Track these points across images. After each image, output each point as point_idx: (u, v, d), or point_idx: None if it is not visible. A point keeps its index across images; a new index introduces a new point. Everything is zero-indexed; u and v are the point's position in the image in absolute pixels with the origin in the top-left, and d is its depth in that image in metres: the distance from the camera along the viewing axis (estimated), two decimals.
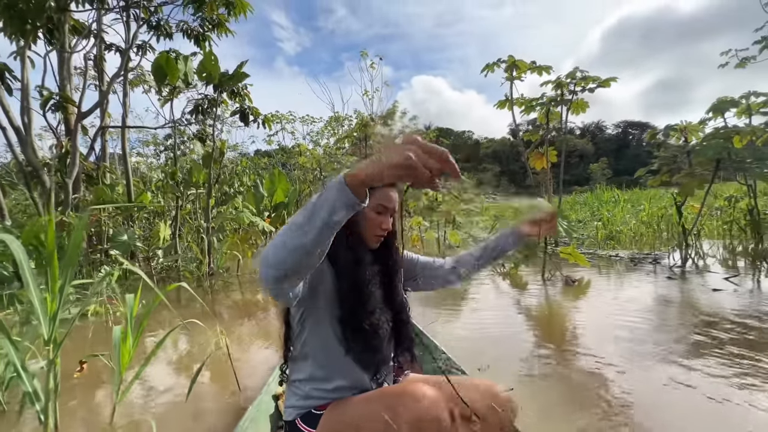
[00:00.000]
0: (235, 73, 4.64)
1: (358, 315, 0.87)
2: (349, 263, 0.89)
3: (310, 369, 0.89)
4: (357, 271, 0.90)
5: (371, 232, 0.95)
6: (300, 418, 0.88)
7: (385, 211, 0.95)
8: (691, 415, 1.30)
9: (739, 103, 4.68)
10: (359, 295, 0.88)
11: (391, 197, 0.96)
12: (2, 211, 4.31)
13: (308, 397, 0.89)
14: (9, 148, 4.39)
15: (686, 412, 1.33)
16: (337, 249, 0.85)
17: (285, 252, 0.64)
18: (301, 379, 0.91)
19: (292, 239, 0.63)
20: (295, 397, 0.91)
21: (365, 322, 0.87)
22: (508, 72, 5.33)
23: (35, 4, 3.87)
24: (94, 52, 5.75)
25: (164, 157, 12.38)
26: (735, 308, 2.41)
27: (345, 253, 0.89)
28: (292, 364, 0.95)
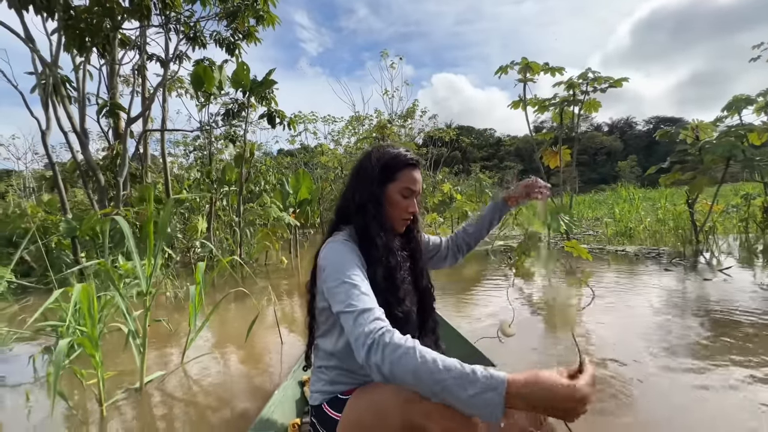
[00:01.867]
0: (264, 80, 5.07)
1: (391, 304, 0.86)
2: (380, 251, 0.89)
3: (337, 357, 0.89)
4: (388, 258, 0.89)
5: (398, 216, 0.96)
6: (326, 402, 0.88)
7: (411, 195, 0.96)
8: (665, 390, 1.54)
9: (754, 101, 4.69)
10: (392, 283, 0.88)
11: (416, 179, 0.97)
12: (65, 206, 4.92)
13: (334, 382, 0.89)
14: (70, 150, 4.98)
15: (664, 386, 1.57)
16: (368, 237, 0.89)
17: (403, 379, 0.65)
18: (327, 366, 0.91)
19: (418, 383, 0.63)
20: (321, 382, 0.92)
21: (398, 310, 0.87)
22: (522, 73, 5.51)
23: (95, 24, 4.42)
24: (139, 63, 6.35)
25: (193, 157, 13.17)
26: (713, 295, 2.59)
27: (376, 241, 0.89)
28: (317, 351, 0.95)
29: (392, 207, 0.94)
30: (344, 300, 0.75)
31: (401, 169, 0.95)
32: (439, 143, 19.24)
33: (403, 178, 0.94)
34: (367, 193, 0.92)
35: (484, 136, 72.77)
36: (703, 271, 3.38)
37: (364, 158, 0.98)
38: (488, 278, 3.66)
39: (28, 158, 20.49)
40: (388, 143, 1.04)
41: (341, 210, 0.97)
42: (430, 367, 0.62)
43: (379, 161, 0.94)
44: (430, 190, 9.81)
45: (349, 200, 0.95)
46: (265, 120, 5.87)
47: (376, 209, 0.91)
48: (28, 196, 17.65)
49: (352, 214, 0.93)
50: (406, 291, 0.92)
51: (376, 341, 0.67)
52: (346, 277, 0.78)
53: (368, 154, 0.98)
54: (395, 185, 0.94)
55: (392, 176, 0.94)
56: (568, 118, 5.73)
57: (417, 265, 1.02)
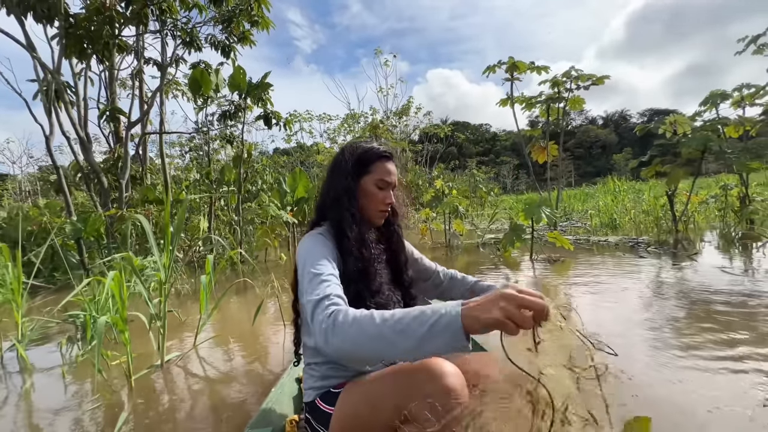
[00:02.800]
0: (260, 83, 5.24)
1: (364, 296, 0.87)
2: (352, 243, 0.90)
3: (323, 352, 0.89)
4: (360, 250, 0.90)
5: (375, 208, 0.97)
6: (319, 397, 0.90)
7: (386, 186, 0.97)
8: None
9: (730, 96, 4.92)
10: (365, 274, 0.89)
11: (390, 170, 0.98)
12: (70, 208, 5.09)
13: (325, 377, 0.90)
14: (73, 154, 5.14)
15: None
16: (341, 230, 0.91)
17: (365, 347, 0.63)
18: (317, 362, 0.92)
19: (379, 343, 0.62)
20: (312, 378, 0.93)
21: (371, 302, 0.88)
22: (509, 72, 5.71)
23: (95, 31, 4.57)
24: (136, 67, 6.49)
25: (189, 158, 13.31)
26: (676, 277, 2.83)
27: (348, 233, 0.90)
28: (306, 349, 0.97)
29: (368, 199, 0.96)
30: (306, 290, 0.76)
31: (375, 161, 0.96)
32: (435, 140, 19.42)
33: (377, 170, 0.96)
34: (341, 187, 0.94)
35: (480, 132, 73.00)
36: (675, 257, 3.62)
37: (338, 154, 1.00)
38: (479, 269, 3.88)
39: (23, 162, 20.49)
40: (362, 139, 1.04)
41: (319, 207, 1.00)
42: (387, 322, 0.62)
43: (352, 155, 0.96)
44: (426, 186, 10.01)
45: (326, 196, 0.97)
46: (262, 121, 6.05)
47: (349, 202, 0.93)
48: (24, 200, 17.72)
49: (328, 208, 0.96)
50: (381, 283, 0.92)
51: (329, 325, 0.66)
52: (311, 267, 0.80)
53: (342, 150, 1.00)
54: (370, 177, 0.96)
55: (366, 169, 0.96)
56: (554, 114, 5.94)
57: (397, 259, 1.02)
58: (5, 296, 2.77)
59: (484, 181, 13.06)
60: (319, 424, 0.87)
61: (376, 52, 16.62)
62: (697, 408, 1.19)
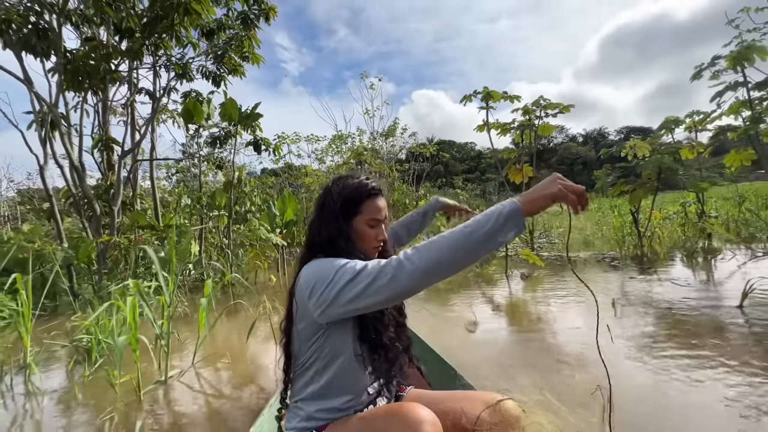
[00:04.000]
0: (251, 113, 5.53)
1: (378, 332, 0.89)
2: None
3: (318, 388, 0.89)
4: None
5: (370, 245, 0.96)
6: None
7: (377, 224, 0.96)
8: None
9: (682, 122, 5.42)
10: (375, 319, 0.89)
11: (380, 208, 0.97)
12: (61, 235, 5.18)
13: (310, 418, 0.89)
14: (65, 182, 5.28)
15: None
16: None
17: (442, 257, 0.69)
18: (304, 399, 0.91)
19: (453, 248, 0.69)
20: (296, 418, 0.92)
21: (385, 338, 0.90)
22: (484, 101, 6.15)
23: (92, 66, 4.82)
24: (128, 97, 6.72)
25: (175, 180, 13.39)
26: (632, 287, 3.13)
27: None
28: (294, 386, 0.95)
29: (361, 239, 0.94)
30: (344, 276, 0.76)
31: (364, 201, 0.94)
32: (421, 159, 19.94)
33: (367, 210, 0.94)
34: (334, 228, 0.93)
35: (466, 150, 74.81)
36: (634, 271, 3.95)
37: (325, 193, 0.98)
38: (460, 283, 4.12)
39: (3, 186, 20.16)
40: (349, 173, 1.04)
41: (311, 245, 0.98)
42: (453, 232, 0.71)
43: (341, 196, 0.94)
44: (414, 205, 10.33)
45: (318, 236, 0.95)
46: (252, 148, 6.31)
47: (346, 244, 0.92)
48: (3, 224, 17.36)
49: (320, 248, 0.94)
50: (390, 317, 0.94)
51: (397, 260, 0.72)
52: (339, 265, 0.79)
53: (329, 189, 0.98)
54: (360, 218, 0.94)
55: (356, 209, 0.94)
56: (528, 138, 6.38)
57: None
58: (6, 322, 2.89)
59: (467, 200, 13.47)
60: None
61: (362, 76, 17.25)
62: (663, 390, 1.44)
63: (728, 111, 4.90)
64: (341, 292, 0.76)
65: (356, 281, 0.74)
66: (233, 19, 5.80)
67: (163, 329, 1.88)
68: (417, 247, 0.72)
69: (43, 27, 4.58)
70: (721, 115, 5.10)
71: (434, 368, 1.43)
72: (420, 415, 0.73)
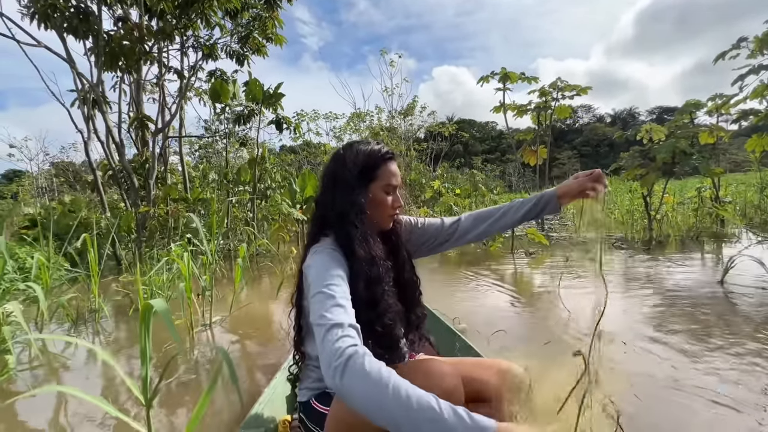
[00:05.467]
0: (274, 93, 5.79)
1: (372, 319, 0.84)
2: (363, 265, 0.85)
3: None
4: (371, 270, 0.86)
5: (386, 213, 0.94)
6: (314, 397, 0.90)
7: (394, 190, 0.94)
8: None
9: (702, 105, 5.34)
10: (372, 301, 0.85)
11: (395, 172, 0.94)
12: (104, 205, 5.71)
13: (322, 378, 0.85)
14: (106, 156, 5.75)
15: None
16: (350, 248, 0.85)
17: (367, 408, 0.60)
18: (316, 366, 0.91)
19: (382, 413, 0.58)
20: (309, 379, 0.93)
21: (379, 324, 0.85)
22: (501, 82, 6.19)
23: (128, 48, 5.15)
24: (158, 75, 7.08)
25: (198, 155, 13.93)
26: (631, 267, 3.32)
27: (359, 252, 0.85)
28: (305, 351, 0.96)
29: (378, 207, 0.92)
30: (317, 311, 0.73)
31: (380, 166, 0.92)
32: (440, 138, 19.79)
33: (383, 175, 0.92)
34: (348, 200, 0.89)
35: (486, 129, 72.97)
36: (638, 251, 4.10)
37: (337, 163, 0.94)
38: (467, 260, 4.39)
39: (40, 159, 21.36)
40: (356, 140, 1.01)
41: (319, 220, 0.95)
42: (399, 397, 0.57)
43: (355, 163, 0.91)
44: (430, 184, 10.51)
45: (328, 209, 0.92)
46: (274, 126, 6.61)
47: (357, 216, 0.88)
48: (41, 196, 18.55)
49: (331, 223, 0.91)
50: (389, 304, 0.88)
51: (341, 365, 0.62)
52: (324, 287, 0.76)
53: (341, 157, 0.93)
54: (377, 184, 0.92)
55: (372, 175, 0.92)
56: (545, 120, 6.41)
57: (398, 259, 1.00)
58: (66, 279, 3.36)
59: (484, 180, 13.47)
60: (313, 424, 0.88)
61: (382, 53, 17.05)
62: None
63: (752, 95, 4.82)
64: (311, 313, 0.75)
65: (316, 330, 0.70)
66: None
67: (207, 283, 2.25)
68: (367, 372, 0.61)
69: (84, 10, 4.91)
70: (745, 98, 5.02)
71: (443, 338, 1.44)
72: (441, 369, 0.75)
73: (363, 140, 0.98)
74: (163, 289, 2.53)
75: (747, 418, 1.22)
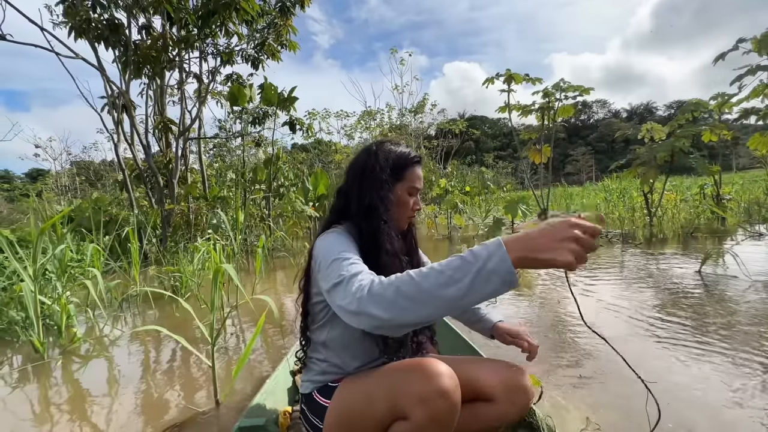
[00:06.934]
0: (288, 96, 6.13)
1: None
2: (390, 259, 0.87)
3: (329, 354, 0.92)
4: (393, 264, 0.87)
5: (405, 214, 0.97)
6: (317, 390, 0.91)
7: (416, 192, 0.97)
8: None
9: (702, 106, 5.45)
10: None
11: (420, 176, 0.97)
12: (133, 203, 6.15)
13: (325, 372, 0.92)
14: (133, 157, 6.19)
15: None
16: (376, 243, 0.87)
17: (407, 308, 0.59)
18: (319, 359, 0.94)
19: (422, 300, 0.59)
20: (312, 372, 0.95)
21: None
22: (506, 83, 6.37)
23: (154, 57, 5.55)
24: (179, 80, 7.50)
25: (212, 154, 14.44)
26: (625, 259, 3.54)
27: (386, 248, 0.87)
28: (311, 341, 0.97)
29: (400, 207, 0.95)
30: (334, 273, 0.73)
31: (408, 168, 0.95)
32: (450, 135, 19.90)
33: (410, 177, 0.95)
34: (377, 195, 0.90)
35: (498, 126, 72.33)
36: (630, 245, 4.29)
37: (368, 157, 0.95)
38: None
39: (63, 159, 22.31)
40: (387, 139, 1.03)
41: (341, 210, 0.97)
42: (428, 277, 0.59)
43: (387, 162, 0.93)
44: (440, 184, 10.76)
45: (352, 201, 0.93)
46: (288, 127, 6.95)
47: (386, 213, 0.90)
48: (64, 194, 19.43)
49: (356, 215, 0.92)
50: None
51: (363, 294, 0.64)
52: (337, 255, 0.77)
53: (373, 153, 0.95)
54: (403, 185, 0.95)
55: (401, 176, 0.95)
56: (549, 120, 6.58)
57: (413, 260, 1.03)
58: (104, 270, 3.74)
59: (494, 178, 13.62)
60: (314, 416, 0.89)
61: (392, 51, 17.25)
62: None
63: (751, 94, 4.93)
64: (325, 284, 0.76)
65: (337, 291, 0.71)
66: (271, 5, 6.32)
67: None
68: (390, 280, 0.64)
69: (114, 23, 5.32)
70: (748, 98, 5.12)
71: (443, 337, 1.42)
72: (439, 369, 0.72)
73: (394, 140, 1.02)
74: (193, 277, 2.89)
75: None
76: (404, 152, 0.97)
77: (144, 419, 1.37)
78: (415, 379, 0.72)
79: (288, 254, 4.86)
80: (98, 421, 1.39)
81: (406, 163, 0.95)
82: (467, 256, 0.59)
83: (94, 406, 1.51)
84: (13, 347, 2.17)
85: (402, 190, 0.95)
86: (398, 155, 0.95)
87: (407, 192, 0.95)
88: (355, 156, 1.01)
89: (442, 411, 0.69)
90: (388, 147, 0.97)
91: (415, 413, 0.69)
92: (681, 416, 1.18)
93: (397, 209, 0.95)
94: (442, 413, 0.69)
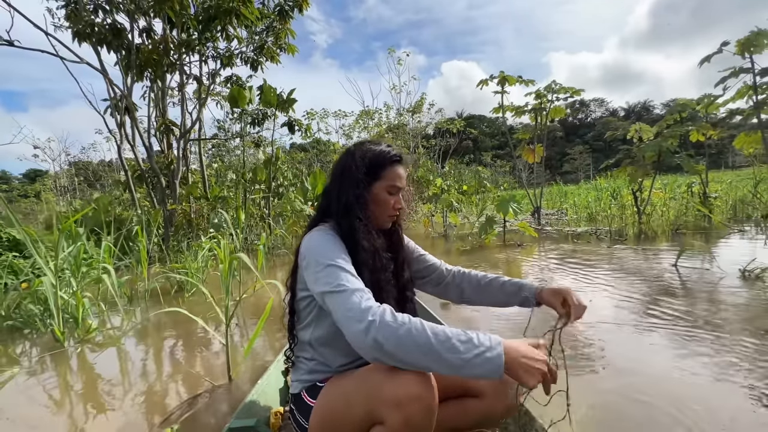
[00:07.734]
0: (287, 99, 6.27)
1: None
2: (367, 254, 0.89)
3: (315, 353, 0.93)
4: (374, 261, 0.90)
5: (386, 213, 0.97)
6: (305, 390, 0.92)
7: (397, 191, 0.97)
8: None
9: (691, 106, 5.62)
10: (376, 288, 0.86)
11: (401, 175, 0.97)
12: (136, 203, 6.29)
13: (313, 371, 0.93)
14: (135, 158, 6.32)
15: None
16: (354, 240, 0.89)
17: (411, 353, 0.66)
18: (307, 358, 0.95)
19: (426, 353, 0.66)
20: (300, 371, 0.95)
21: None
22: (500, 85, 6.54)
23: (156, 60, 5.68)
24: (180, 82, 7.63)
25: (210, 154, 14.54)
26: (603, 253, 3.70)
27: (363, 244, 0.89)
28: (298, 341, 0.97)
29: (379, 206, 0.96)
30: (332, 281, 0.75)
31: (386, 167, 0.96)
32: (448, 135, 20.03)
33: (389, 176, 0.95)
34: (352, 194, 0.93)
35: (496, 125, 72.49)
36: (616, 242, 4.46)
37: (347, 157, 0.98)
38: (463, 248, 4.81)
39: (62, 159, 22.38)
40: (369, 140, 1.05)
41: (324, 209, 0.99)
42: (438, 336, 0.66)
43: (363, 161, 0.95)
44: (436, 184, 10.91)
45: (333, 200, 0.96)
46: (286, 128, 7.09)
47: (362, 212, 0.92)
48: (63, 195, 19.51)
49: (336, 214, 0.94)
50: (390, 293, 0.93)
51: (376, 320, 0.68)
52: (332, 261, 0.79)
53: (351, 153, 0.98)
54: (381, 183, 0.96)
55: (378, 175, 0.95)
56: (542, 120, 6.75)
57: (397, 259, 1.03)
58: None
59: (491, 177, 13.79)
60: (302, 417, 0.90)
61: (390, 51, 17.38)
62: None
63: (736, 96, 5.10)
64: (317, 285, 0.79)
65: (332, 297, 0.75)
66: (269, 8, 6.45)
67: (235, 267, 2.73)
68: (404, 320, 0.69)
69: (116, 27, 5.45)
70: (734, 98, 5.29)
71: None
72: (418, 374, 0.72)
73: (375, 140, 1.03)
74: (198, 273, 3.04)
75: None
76: (383, 151, 0.97)
77: (160, 394, 1.53)
78: (391, 382, 0.71)
79: (288, 252, 5.00)
80: (115, 404, 1.56)
81: (384, 161, 0.96)
82: (474, 338, 0.67)
83: (113, 388, 1.66)
84: (31, 338, 2.33)
85: (380, 188, 0.96)
86: (375, 154, 0.96)
87: (386, 191, 0.96)
88: (339, 156, 1.04)
89: (417, 415, 0.70)
90: (366, 147, 0.98)
91: (391, 418, 0.70)
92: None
93: (375, 207, 0.96)
94: (418, 417, 0.70)
